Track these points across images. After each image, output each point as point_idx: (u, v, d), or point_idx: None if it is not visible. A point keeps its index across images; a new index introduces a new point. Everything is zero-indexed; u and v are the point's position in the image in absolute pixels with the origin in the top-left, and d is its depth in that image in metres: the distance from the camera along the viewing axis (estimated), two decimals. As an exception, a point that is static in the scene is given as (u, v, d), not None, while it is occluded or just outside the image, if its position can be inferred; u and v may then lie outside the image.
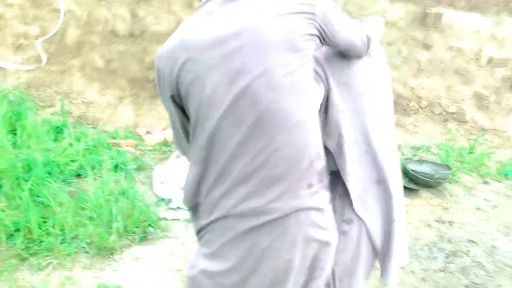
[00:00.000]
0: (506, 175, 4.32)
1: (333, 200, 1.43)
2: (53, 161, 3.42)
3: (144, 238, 2.99)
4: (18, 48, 5.04)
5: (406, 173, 3.93)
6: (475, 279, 2.91)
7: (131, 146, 4.05)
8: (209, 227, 1.34)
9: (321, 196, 1.31)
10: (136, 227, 3.02)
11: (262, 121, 1.21)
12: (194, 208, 1.39)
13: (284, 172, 1.23)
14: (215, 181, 1.29)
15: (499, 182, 4.26)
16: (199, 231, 1.41)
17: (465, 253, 3.13)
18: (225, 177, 1.26)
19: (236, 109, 1.22)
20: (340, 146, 1.43)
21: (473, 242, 3.28)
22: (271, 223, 1.25)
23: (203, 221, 1.35)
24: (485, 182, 4.22)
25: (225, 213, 1.28)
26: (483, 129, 5.12)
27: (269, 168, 1.23)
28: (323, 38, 1.32)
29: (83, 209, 3.09)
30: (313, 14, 1.26)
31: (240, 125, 1.22)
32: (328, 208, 1.34)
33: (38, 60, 4.90)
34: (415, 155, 4.51)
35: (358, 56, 1.47)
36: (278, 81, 1.21)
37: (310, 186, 1.27)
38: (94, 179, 3.25)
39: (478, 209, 3.75)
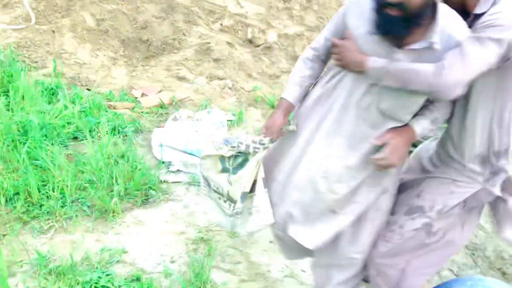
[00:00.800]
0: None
1: None
2: (49, 123, 3.33)
3: (145, 201, 2.97)
4: (5, 6, 4.85)
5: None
6: (475, 240, 2.95)
7: (128, 108, 3.97)
8: None
9: None
10: (137, 190, 2.99)
11: None
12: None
13: None
14: None
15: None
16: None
17: (465, 214, 3.17)
18: None
19: None
20: None
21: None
22: None
23: None
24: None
25: None
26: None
27: None
28: None
29: (82, 172, 3.04)
30: None
31: None
32: None
33: (27, 19, 4.73)
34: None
35: None
36: None
37: None
38: (92, 141, 3.19)
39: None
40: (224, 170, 1.90)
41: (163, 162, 3.31)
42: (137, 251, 2.59)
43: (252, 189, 1.86)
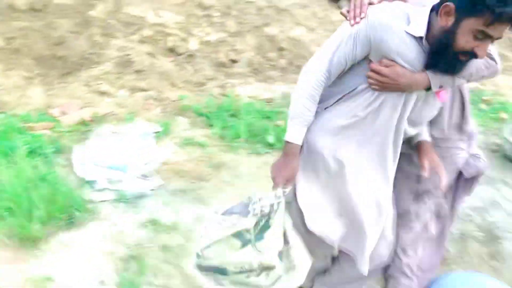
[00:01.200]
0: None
1: None
2: (-42, 152, 3.12)
3: (71, 224, 2.83)
4: None
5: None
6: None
7: (47, 129, 3.79)
8: None
9: None
10: (61, 213, 2.85)
11: None
12: None
13: None
14: None
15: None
16: None
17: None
18: None
19: None
20: None
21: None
22: None
23: None
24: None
25: None
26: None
27: None
28: None
29: (-2, 200, 2.85)
30: None
31: None
32: None
33: None
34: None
35: None
36: None
37: None
38: (9, 167, 3.01)
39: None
40: (246, 243, 1.69)
41: (87, 181, 3.18)
42: (63, 277, 2.46)
43: (286, 241, 1.74)
